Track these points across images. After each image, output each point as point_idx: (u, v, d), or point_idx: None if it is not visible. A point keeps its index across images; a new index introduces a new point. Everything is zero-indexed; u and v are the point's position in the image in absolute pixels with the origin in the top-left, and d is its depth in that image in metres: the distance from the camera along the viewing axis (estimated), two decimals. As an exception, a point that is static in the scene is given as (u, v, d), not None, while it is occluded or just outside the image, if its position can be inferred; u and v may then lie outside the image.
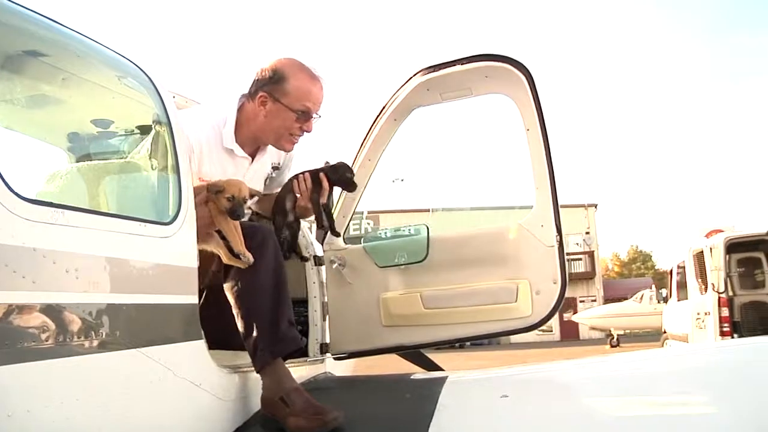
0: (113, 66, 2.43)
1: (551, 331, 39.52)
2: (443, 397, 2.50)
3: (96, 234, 1.89)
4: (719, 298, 11.86)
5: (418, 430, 2.25)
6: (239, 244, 2.60)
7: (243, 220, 2.71)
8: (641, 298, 28.08)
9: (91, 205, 2.28)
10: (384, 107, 3.32)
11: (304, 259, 3.32)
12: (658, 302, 21.81)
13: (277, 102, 2.88)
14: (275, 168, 3.26)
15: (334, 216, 3.32)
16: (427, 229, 3.40)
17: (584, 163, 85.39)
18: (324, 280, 3.34)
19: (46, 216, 1.71)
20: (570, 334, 37.31)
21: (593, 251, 40.98)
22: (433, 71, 3.20)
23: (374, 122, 3.40)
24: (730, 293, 12.31)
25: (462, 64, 3.15)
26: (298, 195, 3.09)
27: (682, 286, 14.23)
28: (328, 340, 3.29)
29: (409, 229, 3.54)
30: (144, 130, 2.69)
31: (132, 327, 2.01)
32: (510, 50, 3.11)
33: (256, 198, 2.99)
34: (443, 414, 2.36)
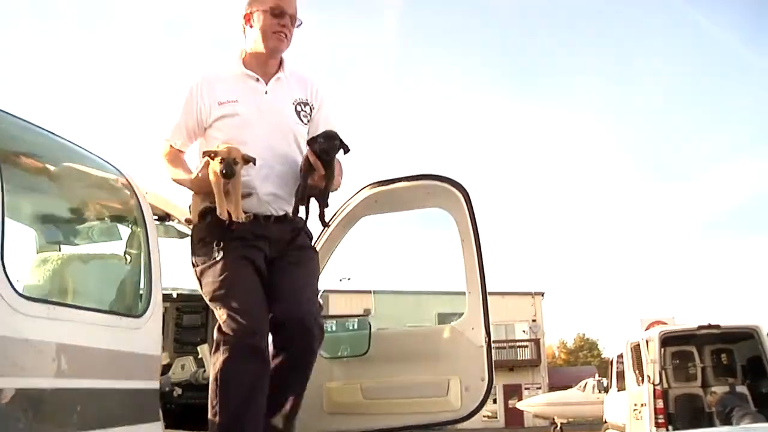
0: (102, 170, 2.78)
1: (496, 417, 39.49)
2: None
3: (79, 326, 2.18)
4: (655, 389, 12.14)
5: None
6: (229, 207, 2.82)
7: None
8: (584, 386, 28.28)
9: (75, 296, 2.55)
10: (335, 214, 3.66)
11: None
12: (600, 392, 22.19)
13: (255, 12, 3.14)
14: (305, 104, 3.27)
15: None
16: (369, 325, 3.73)
17: (533, 251, 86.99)
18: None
19: (40, 311, 2.00)
20: (515, 420, 37.21)
21: (539, 339, 41.24)
22: (382, 186, 3.59)
23: (325, 228, 3.67)
24: (665, 385, 12.57)
25: (407, 181, 3.57)
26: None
27: (621, 376, 14.55)
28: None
29: (354, 324, 3.86)
30: (121, 221, 3.02)
31: (101, 409, 2.27)
32: (465, 155, 3.46)
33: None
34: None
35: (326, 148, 2.96)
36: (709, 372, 13.50)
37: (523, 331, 41.06)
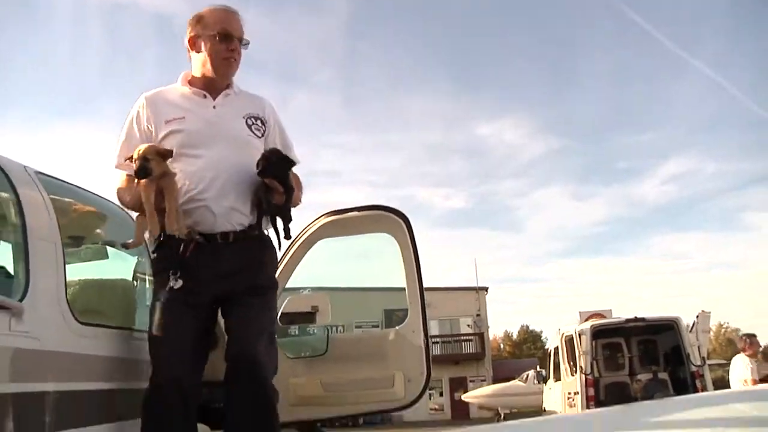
0: (110, 210, 3.40)
1: (443, 410, 40.37)
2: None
3: (111, 341, 2.79)
4: (586, 379, 12.94)
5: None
6: (155, 217, 2.77)
7: None
8: (526, 378, 29.14)
9: (104, 316, 3.06)
10: (296, 238, 4.30)
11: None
12: (539, 382, 23.15)
13: (202, 36, 3.13)
14: (257, 118, 3.21)
15: None
16: (328, 330, 4.40)
17: (478, 245, 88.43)
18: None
19: (89, 332, 2.62)
20: (461, 413, 37.86)
21: (483, 333, 42.13)
22: (337, 214, 4.24)
23: (288, 249, 4.28)
24: (596, 375, 13.48)
25: (359, 211, 4.23)
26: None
27: (558, 367, 15.24)
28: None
29: (314, 330, 4.52)
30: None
31: (126, 402, 2.86)
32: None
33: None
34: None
35: (263, 168, 2.95)
36: (636, 361, 14.54)
37: (468, 326, 41.79)
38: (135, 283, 3.42)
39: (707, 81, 78.62)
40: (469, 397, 32.16)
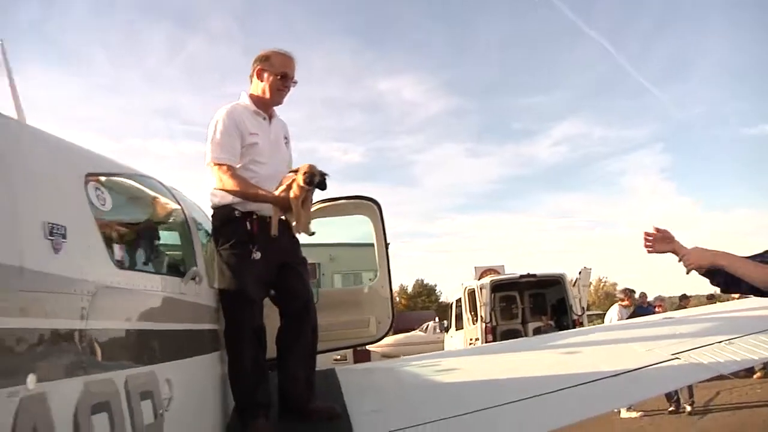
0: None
1: (346, 359, 41.66)
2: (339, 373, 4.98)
3: (215, 296, 3.94)
4: (486, 326, 14.71)
5: (335, 382, 4.61)
6: (302, 217, 3.77)
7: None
8: (426, 328, 30.78)
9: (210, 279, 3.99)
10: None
11: None
12: (441, 331, 24.79)
13: (267, 71, 4.07)
14: (287, 138, 4.31)
15: None
16: (317, 288, 5.76)
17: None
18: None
19: (211, 292, 3.75)
20: (363, 361, 39.34)
21: (385, 286, 43.42)
22: (328, 201, 5.55)
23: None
24: (494, 323, 15.47)
25: (346, 199, 5.57)
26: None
27: (459, 317, 17.13)
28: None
29: (307, 286, 5.84)
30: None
31: (218, 341, 3.99)
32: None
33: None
34: (342, 378, 4.79)
35: (320, 183, 3.82)
36: (527, 311, 16.71)
37: (370, 279, 43.06)
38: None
39: (599, 49, 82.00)
40: (372, 346, 33.46)
